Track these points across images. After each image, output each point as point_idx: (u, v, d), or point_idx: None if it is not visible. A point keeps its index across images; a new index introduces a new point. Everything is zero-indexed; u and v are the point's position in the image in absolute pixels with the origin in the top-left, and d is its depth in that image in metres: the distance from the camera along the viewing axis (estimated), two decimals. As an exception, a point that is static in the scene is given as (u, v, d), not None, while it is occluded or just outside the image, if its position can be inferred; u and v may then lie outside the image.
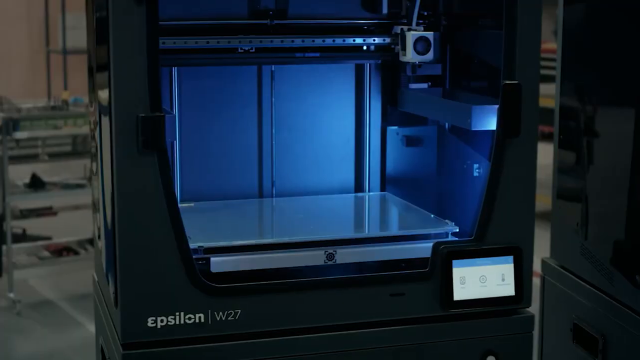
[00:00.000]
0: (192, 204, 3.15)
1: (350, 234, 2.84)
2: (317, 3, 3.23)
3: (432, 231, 2.90)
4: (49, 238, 7.08)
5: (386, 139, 3.41)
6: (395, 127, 3.39)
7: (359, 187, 3.37)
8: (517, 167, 2.79)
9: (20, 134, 6.27)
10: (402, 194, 3.38)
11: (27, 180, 6.65)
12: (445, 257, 2.76)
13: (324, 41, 3.14)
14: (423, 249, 2.81)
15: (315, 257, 2.76)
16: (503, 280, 2.82)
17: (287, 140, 3.30)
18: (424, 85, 3.27)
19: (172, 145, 3.14)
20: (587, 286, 3.16)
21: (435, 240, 2.82)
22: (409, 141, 3.36)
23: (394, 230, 3.10)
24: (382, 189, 3.39)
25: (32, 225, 7.20)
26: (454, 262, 2.78)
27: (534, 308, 2.89)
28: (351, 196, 3.33)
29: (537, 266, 3.04)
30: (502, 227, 2.81)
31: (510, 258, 2.82)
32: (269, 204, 3.25)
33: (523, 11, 2.73)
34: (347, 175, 3.37)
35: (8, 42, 11.53)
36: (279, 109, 3.27)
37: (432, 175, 3.24)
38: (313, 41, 3.14)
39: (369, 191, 3.36)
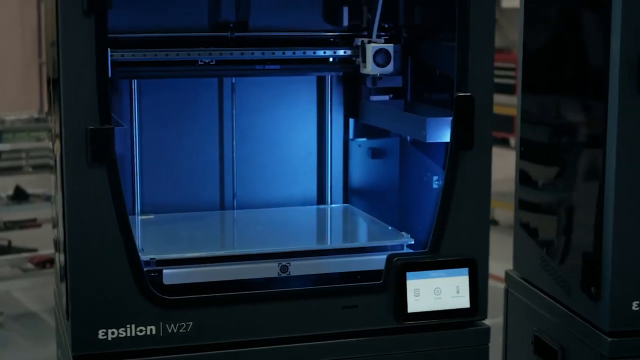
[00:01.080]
0: (152, 216, 3.16)
1: (304, 246, 2.84)
2: (278, 16, 3.24)
3: (387, 243, 2.89)
4: (34, 250, 7.08)
5: (349, 151, 3.41)
6: (358, 139, 3.39)
7: (321, 199, 3.37)
8: (471, 179, 2.79)
9: (2, 146, 6.29)
10: (365, 206, 3.38)
11: (10, 192, 6.65)
12: (399, 269, 2.76)
13: (284, 53, 3.14)
14: (378, 261, 2.81)
15: (269, 269, 2.76)
16: (458, 292, 2.81)
17: (249, 153, 3.30)
18: (385, 98, 3.27)
19: (132, 157, 3.14)
20: (548, 298, 3.15)
21: (390, 252, 2.81)
22: (375, 153, 3.37)
23: (348, 242, 3.09)
24: (345, 201, 3.39)
25: (16, 237, 7.20)
26: (408, 274, 2.77)
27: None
28: (313, 208, 3.33)
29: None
30: (457, 239, 2.81)
31: (465, 270, 2.82)
32: (230, 216, 3.25)
33: (475, 23, 2.73)
34: (310, 187, 3.37)
35: (1, 53, 11.56)
36: (241, 121, 3.27)
37: (394, 187, 3.24)
38: (273, 53, 3.14)
39: (331, 203, 3.36)
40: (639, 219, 2.76)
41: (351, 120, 3.39)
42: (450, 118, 2.75)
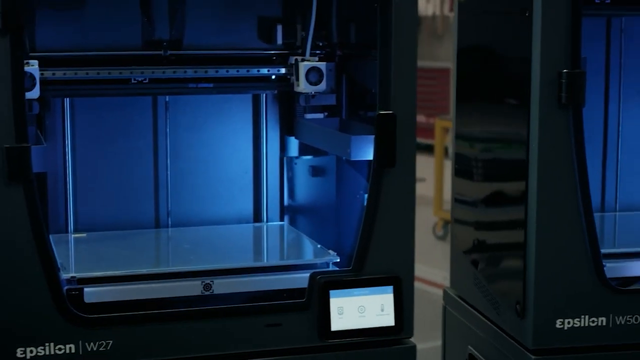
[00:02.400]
0: (84, 235, 3.16)
1: (228, 264, 2.83)
2: (213, 34, 3.24)
3: (312, 261, 2.89)
4: None
5: (293, 169, 3.42)
6: (304, 157, 3.40)
7: (258, 217, 3.36)
8: (395, 197, 2.79)
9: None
10: (303, 224, 3.39)
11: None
12: (322, 287, 2.76)
13: (217, 72, 3.15)
14: (302, 279, 2.80)
15: (192, 288, 2.76)
16: (382, 310, 2.81)
17: (185, 170, 3.30)
18: (320, 115, 3.28)
19: (65, 175, 3.15)
20: (480, 316, 3.15)
21: (314, 270, 2.81)
22: (314, 171, 3.37)
23: (274, 260, 3.09)
24: (282, 219, 3.39)
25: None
26: (331, 292, 2.77)
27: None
28: (248, 226, 3.33)
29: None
30: (381, 257, 2.81)
31: (390, 288, 2.81)
32: (163, 235, 3.25)
33: (398, 41, 2.74)
34: (246, 205, 3.37)
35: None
36: (177, 139, 3.28)
37: (331, 205, 3.24)
38: (206, 72, 3.14)
39: (267, 221, 3.36)
40: (561, 238, 2.75)
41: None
42: (373, 136, 2.75)
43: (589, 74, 3.20)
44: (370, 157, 2.79)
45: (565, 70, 2.69)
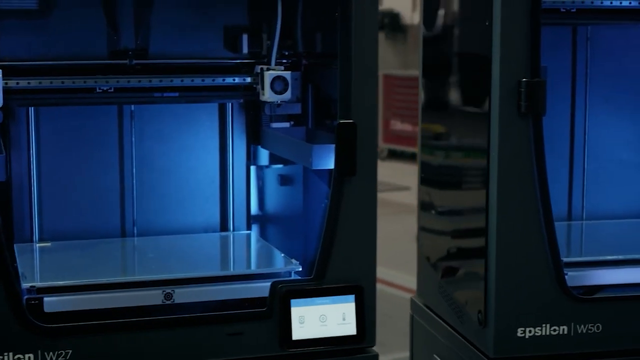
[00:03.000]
0: (49, 244, 3.15)
1: (189, 273, 2.83)
2: (178, 43, 3.24)
3: (274, 270, 2.89)
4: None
5: (250, 178, 3.42)
6: (274, 166, 3.40)
7: (224, 226, 3.36)
8: (356, 206, 2.79)
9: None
10: (270, 233, 3.39)
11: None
12: (283, 296, 2.76)
13: (182, 81, 3.14)
14: (264, 288, 2.80)
15: (153, 297, 2.75)
16: (344, 319, 2.81)
17: (151, 179, 3.29)
18: (286, 124, 3.28)
19: (30, 184, 3.14)
20: (445, 325, 3.15)
21: (275, 279, 2.81)
22: (283, 180, 3.37)
23: (235, 269, 3.08)
24: (249, 227, 3.39)
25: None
26: (293, 301, 2.77)
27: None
28: (214, 235, 3.33)
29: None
30: (343, 266, 2.81)
31: (352, 297, 2.81)
32: (129, 244, 3.24)
33: (358, 50, 2.74)
34: (213, 214, 3.36)
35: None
36: (143, 147, 3.27)
37: (298, 214, 3.24)
38: (172, 81, 3.14)
39: (233, 230, 3.35)
40: (522, 246, 2.76)
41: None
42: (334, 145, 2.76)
43: (555, 83, 3.24)
44: (332, 166, 2.79)
45: (524, 79, 2.69)
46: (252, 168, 3.42)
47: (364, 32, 2.75)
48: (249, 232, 3.37)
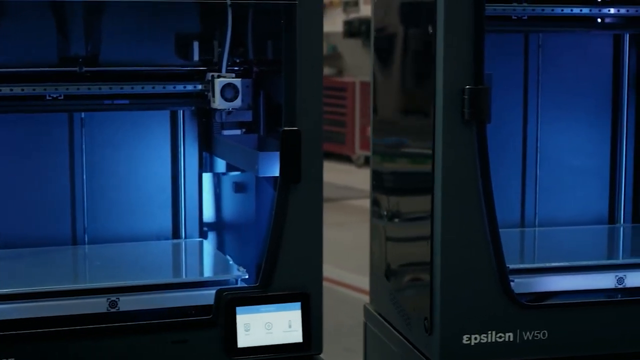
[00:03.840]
0: (-2, 252, 3.14)
1: (134, 280, 2.82)
2: (129, 50, 3.24)
3: (220, 278, 2.88)
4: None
5: (221, 185, 3.41)
6: (222, 173, 3.39)
7: (176, 234, 3.35)
8: (301, 213, 2.79)
9: None
10: (223, 240, 3.38)
11: None
12: (228, 303, 2.75)
13: (132, 88, 3.13)
14: (210, 295, 2.79)
15: (97, 305, 2.74)
16: (290, 326, 2.80)
17: (102, 187, 3.28)
18: (237, 132, 3.28)
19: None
20: (395, 332, 3.15)
21: (221, 287, 2.80)
22: (237, 187, 3.36)
23: (182, 277, 3.08)
24: (201, 235, 3.38)
25: None
26: (238, 308, 2.77)
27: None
28: (165, 243, 3.32)
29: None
30: (289, 273, 2.81)
31: (298, 304, 2.81)
32: (80, 252, 3.23)
33: (303, 57, 2.75)
34: (165, 222, 3.35)
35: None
36: (94, 155, 3.26)
37: (250, 221, 3.23)
38: (122, 88, 3.12)
39: (185, 238, 3.35)
40: (467, 253, 2.76)
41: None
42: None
43: (508, 90, 3.25)
44: (277, 173, 2.78)
45: (468, 87, 2.70)
46: (209, 175, 3.42)
47: (309, 39, 2.75)
48: (201, 239, 3.36)
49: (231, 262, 3.04)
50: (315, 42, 2.76)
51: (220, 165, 3.40)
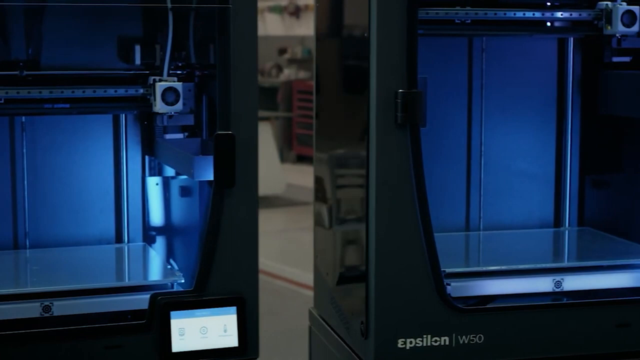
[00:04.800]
0: (-61, 256, 3.12)
1: (68, 285, 2.81)
2: (71, 54, 3.22)
3: (155, 282, 2.88)
4: None
5: (169, 189, 3.40)
6: (172, 177, 3.38)
7: (119, 238, 3.34)
8: (237, 217, 2.79)
9: None
10: (167, 245, 3.37)
11: None
12: (162, 308, 2.74)
13: (73, 92, 3.12)
14: (145, 300, 2.79)
15: (31, 310, 2.73)
16: (225, 331, 2.80)
17: (45, 191, 3.27)
18: (180, 136, 3.26)
19: None
20: (335, 336, 3.15)
21: (157, 291, 2.80)
22: (183, 192, 3.35)
23: (117, 281, 3.06)
24: (145, 239, 3.37)
25: None
26: (172, 313, 2.76)
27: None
28: (106, 247, 3.30)
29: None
30: (224, 278, 2.80)
31: (233, 309, 2.80)
32: (21, 256, 3.21)
33: (237, 61, 2.74)
34: (108, 226, 3.34)
35: None
36: (36, 159, 3.25)
37: (193, 225, 3.22)
38: (62, 92, 3.11)
39: (128, 242, 3.34)
40: (402, 257, 2.76)
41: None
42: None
43: (452, 94, 3.25)
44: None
45: (400, 90, 2.70)
46: (158, 179, 3.40)
47: (243, 44, 2.75)
48: (143, 244, 3.35)
49: (169, 267, 3.03)
50: (249, 46, 2.76)
51: (169, 169, 3.39)
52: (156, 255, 3.22)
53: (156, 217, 3.41)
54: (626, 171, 3.44)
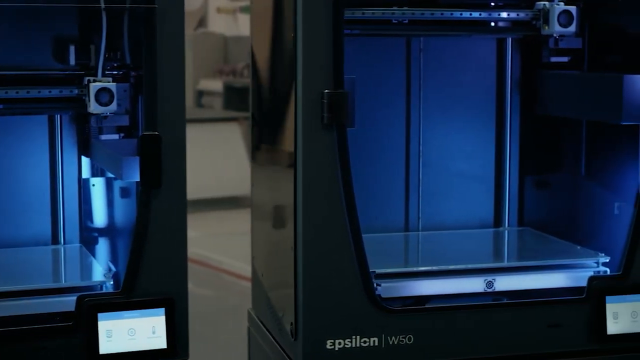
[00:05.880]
0: None
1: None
2: (5, 54, 3.21)
3: (84, 284, 2.86)
4: None
5: (112, 191, 3.38)
6: (114, 178, 3.36)
7: (55, 239, 3.33)
8: (164, 219, 2.78)
9: None
10: (104, 246, 3.35)
11: None
12: (89, 309, 2.73)
13: (7, 92, 3.10)
14: (72, 302, 2.77)
15: (-46, 313, 2.71)
16: (154, 332, 2.78)
17: (-19, 193, 3.26)
18: (116, 136, 3.25)
19: None
20: (270, 337, 3.14)
21: (85, 293, 2.78)
22: (123, 193, 3.34)
23: (44, 283, 3.04)
24: (82, 241, 3.35)
25: None
26: (100, 315, 2.74)
27: None
28: (41, 249, 3.28)
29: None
30: (152, 279, 2.79)
31: (162, 310, 2.79)
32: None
33: (164, 62, 2.73)
34: (44, 227, 3.32)
35: None
36: (-29, 160, 3.24)
37: (129, 227, 3.20)
38: (-4, 93, 3.10)
39: (64, 244, 3.32)
40: (330, 258, 2.75)
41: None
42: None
43: (391, 95, 3.24)
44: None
45: (326, 91, 2.69)
46: (99, 180, 3.39)
47: (170, 44, 2.74)
48: (80, 245, 3.34)
49: (101, 269, 3.01)
50: (176, 46, 2.75)
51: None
52: (90, 257, 3.20)
53: (97, 218, 3.39)
54: (565, 171, 3.44)
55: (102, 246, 3.36)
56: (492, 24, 3.34)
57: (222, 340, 5.29)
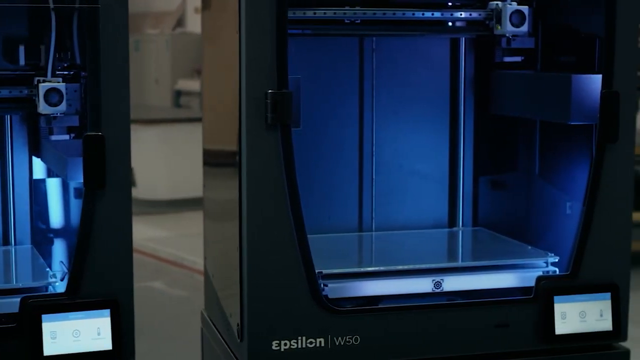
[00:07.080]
0: None
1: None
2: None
3: (29, 285, 2.85)
4: None
5: (66, 191, 3.37)
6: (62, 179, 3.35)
7: (6, 240, 3.31)
8: (108, 220, 2.77)
9: None
10: (57, 247, 3.34)
11: None
12: (33, 311, 2.72)
13: (-53, 93, 3.08)
14: (16, 303, 2.76)
15: None
16: (99, 334, 2.77)
17: None
18: (66, 137, 3.23)
19: None
20: (220, 338, 3.13)
21: (30, 294, 2.77)
22: (77, 193, 3.32)
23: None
24: (34, 242, 3.34)
25: None
26: (44, 316, 2.73)
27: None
28: (-7, 249, 3.28)
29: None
30: (97, 280, 2.77)
31: (107, 311, 2.78)
32: None
33: (107, 62, 2.72)
34: (-5, 228, 3.31)
35: None
36: None
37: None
38: (-59, 93, 3.08)
39: (15, 245, 3.30)
40: (275, 259, 2.75)
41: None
42: (87, 158, 2.73)
43: (344, 95, 3.24)
44: (86, 179, 2.76)
45: (270, 91, 2.69)
46: (57, 181, 3.37)
47: (113, 44, 2.72)
48: (30, 246, 3.32)
49: (48, 269, 3.00)
50: (119, 46, 2.73)
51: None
52: (40, 258, 3.19)
53: (49, 219, 3.38)
54: (520, 171, 3.44)
55: (54, 247, 3.35)
56: (446, 23, 3.34)
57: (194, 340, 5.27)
